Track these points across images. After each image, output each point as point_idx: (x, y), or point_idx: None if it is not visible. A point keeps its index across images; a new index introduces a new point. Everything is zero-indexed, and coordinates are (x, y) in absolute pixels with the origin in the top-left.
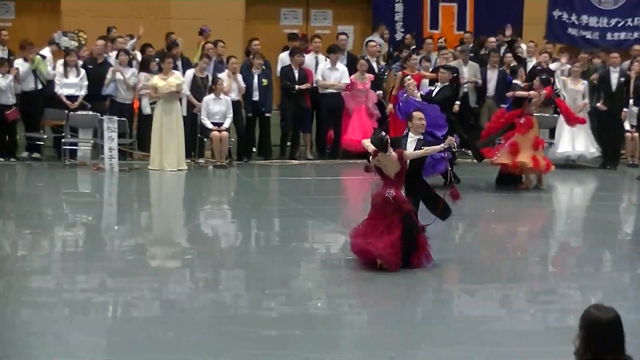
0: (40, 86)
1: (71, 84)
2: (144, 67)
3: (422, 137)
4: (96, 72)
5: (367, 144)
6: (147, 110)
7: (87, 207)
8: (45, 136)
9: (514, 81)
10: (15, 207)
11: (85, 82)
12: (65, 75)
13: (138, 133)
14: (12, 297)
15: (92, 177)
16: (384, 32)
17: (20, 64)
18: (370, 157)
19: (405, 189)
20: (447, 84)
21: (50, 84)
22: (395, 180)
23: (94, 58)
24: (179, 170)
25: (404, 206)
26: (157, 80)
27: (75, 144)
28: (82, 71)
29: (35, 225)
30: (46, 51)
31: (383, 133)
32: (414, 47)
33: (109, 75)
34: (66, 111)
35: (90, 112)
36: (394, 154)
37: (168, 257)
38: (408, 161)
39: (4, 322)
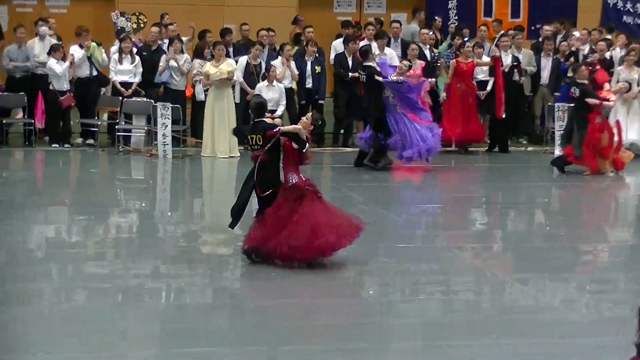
0: (95, 73)
1: (125, 71)
2: (197, 54)
3: None
4: (150, 59)
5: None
6: (200, 96)
7: (141, 193)
8: (99, 123)
9: (578, 80)
10: (70, 193)
11: (140, 69)
12: (120, 62)
13: (191, 120)
14: (66, 283)
15: (146, 163)
16: (422, 18)
17: (75, 50)
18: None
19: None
20: None
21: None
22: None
23: (148, 45)
24: (231, 157)
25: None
26: (209, 67)
27: (129, 131)
28: (137, 58)
29: (89, 212)
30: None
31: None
32: (466, 37)
33: (162, 63)
34: (120, 98)
35: (144, 99)
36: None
37: (220, 243)
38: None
39: (59, 308)
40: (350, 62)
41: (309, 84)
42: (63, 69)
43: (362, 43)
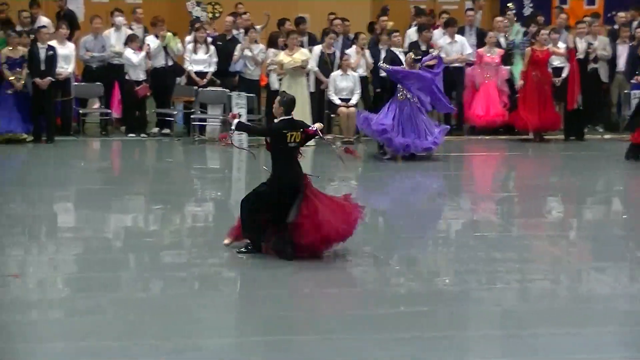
0: (170, 62)
1: (200, 61)
2: (271, 43)
3: None
4: (225, 48)
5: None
6: (275, 85)
7: (216, 182)
8: (175, 112)
9: None
10: (146, 182)
11: (215, 59)
12: (195, 51)
13: (266, 109)
14: (143, 272)
15: (221, 153)
16: (480, 4)
17: (151, 40)
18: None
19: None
20: None
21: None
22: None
23: (223, 34)
24: (306, 145)
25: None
26: (282, 56)
27: (204, 120)
28: (212, 47)
29: (165, 201)
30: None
31: None
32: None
33: (237, 52)
34: (195, 87)
35: (219, 89)
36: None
37: None
38: None
39: (137, 297)
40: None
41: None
42: (139, 59)
43: (435, 32)
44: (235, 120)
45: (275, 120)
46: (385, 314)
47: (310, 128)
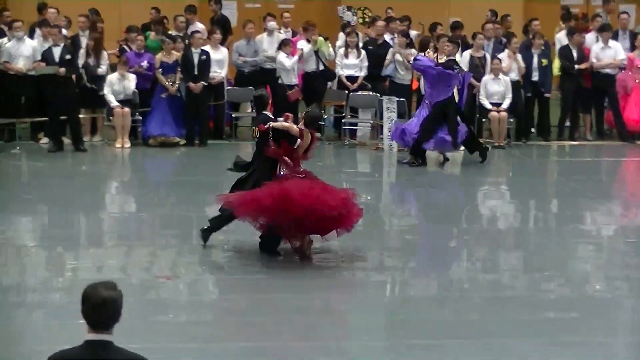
0: (322, 67)
1: (351, 65)
2: (422, 47)
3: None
4: (376, 52)
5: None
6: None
7: (367, 186)
8: (325, 116)
9: None
10: None
11: (365, 63)
12: (346, 56)
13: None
14: (293, 275)
15: (371, 157)
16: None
17: (303, 45)
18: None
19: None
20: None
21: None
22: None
23: (374, 39)
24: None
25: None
26: None
27: (355, 124)
28: (362, 52)
29: None
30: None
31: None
32: None
33: (388, 56)
34: (346, 92)
35: (370, 93)
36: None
37: (446, 236)
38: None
39: (285, 300)
40: (575, 55)
41: (535, 76)
42: (292, 63)
43: (587, 36)
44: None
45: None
46: (534, 320)
47: (264, 124)
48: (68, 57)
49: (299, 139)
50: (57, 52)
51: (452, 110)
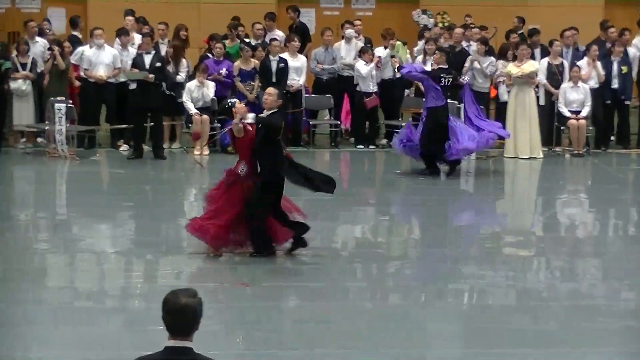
0: (398, 75)
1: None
2: (501, 54)
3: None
4: (454, 60)
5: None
6: (503, 97)
7: (443, 193)
8: (403, 124)
9: None
10: (374, 193)
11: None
12: (424, 63)
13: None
14: (372, 282)
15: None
16: None
17: (381, 52)
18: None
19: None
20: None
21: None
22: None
23: (452, 46)
24: (533, 158)
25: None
26: (511, 67)
27: None
28: None
29: (392, 212)
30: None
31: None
32: None
33: (467, 64)
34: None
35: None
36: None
37: (523, 245)
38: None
39: (363, 307)
40: None
41: (615, 84)
42: (368, 70)
43: None
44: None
45: None
46: (614, 329)
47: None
48: (158, 64)
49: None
50: (147, 59)
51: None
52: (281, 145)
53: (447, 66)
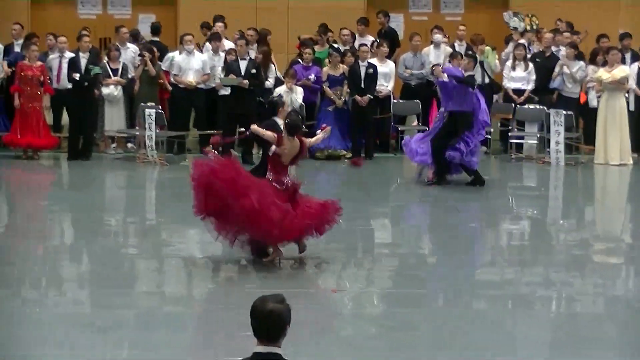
0: (487, 80)
1: (518, 78)
2: (593, 59)
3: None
4: (543, 65)
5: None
6: (593, 103)
7: (533, 200)
8: (491, 129)
9: None
10: (462, 199)
11: (533, 76)
12: (513, 68)
13: (584, 127)
14: (457, 288)
15: (538, 170)
16: None
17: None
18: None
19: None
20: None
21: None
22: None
23: (542, 51)
24: (622, 164)
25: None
26: (601, 72)
27: (522, 138)
28: (530, 65)
29: (480, 218)
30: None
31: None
32: None
33: (557, 69)
34: (513, 104)
35: (537, 106)
36: (296, 139)
37: (612, 252)
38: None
39: (449, 313)
40: None
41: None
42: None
43: None
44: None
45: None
46: None
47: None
48: (253, 71)
49: (273, 146)
50: (243, 65)
51: (465, 126)
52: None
53: (473, 73)
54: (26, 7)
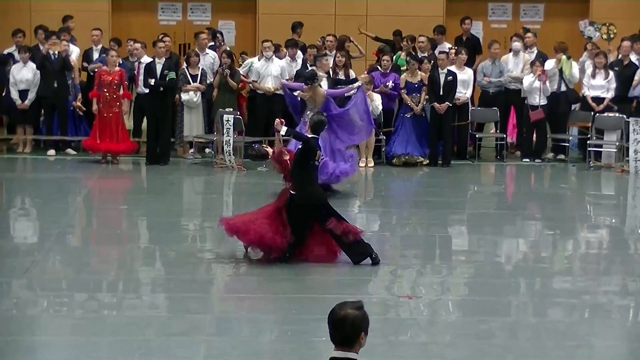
0: (564, 88)
1: (598, 86)
2: None
3: None
4: (622, 73)
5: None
6: None
7: (611, 209)
8: (570, 138)
9: None
10: (538, 208)
11: (613, 85)
12: (593, 76)
13: None
14: (533, 298)
15: (616, 179)
16: None
17: (547, 64)
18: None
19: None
20: None
21: None
22: None
23: (620, 60)
24: None
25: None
26: None
27: (600, 146)
28: (611, 73)
29: (558, 227)
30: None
31: None
32: None
33: (636, 77)
34: (592, 113)
35: (617, 114)
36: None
37: None
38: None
39: (526, 322)
40: None
41: None
42: (530, 83)
43: None
44: (284, 128)
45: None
46: None
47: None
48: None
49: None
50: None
51: None
52: (313, 171)
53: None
54: (107, 13)
